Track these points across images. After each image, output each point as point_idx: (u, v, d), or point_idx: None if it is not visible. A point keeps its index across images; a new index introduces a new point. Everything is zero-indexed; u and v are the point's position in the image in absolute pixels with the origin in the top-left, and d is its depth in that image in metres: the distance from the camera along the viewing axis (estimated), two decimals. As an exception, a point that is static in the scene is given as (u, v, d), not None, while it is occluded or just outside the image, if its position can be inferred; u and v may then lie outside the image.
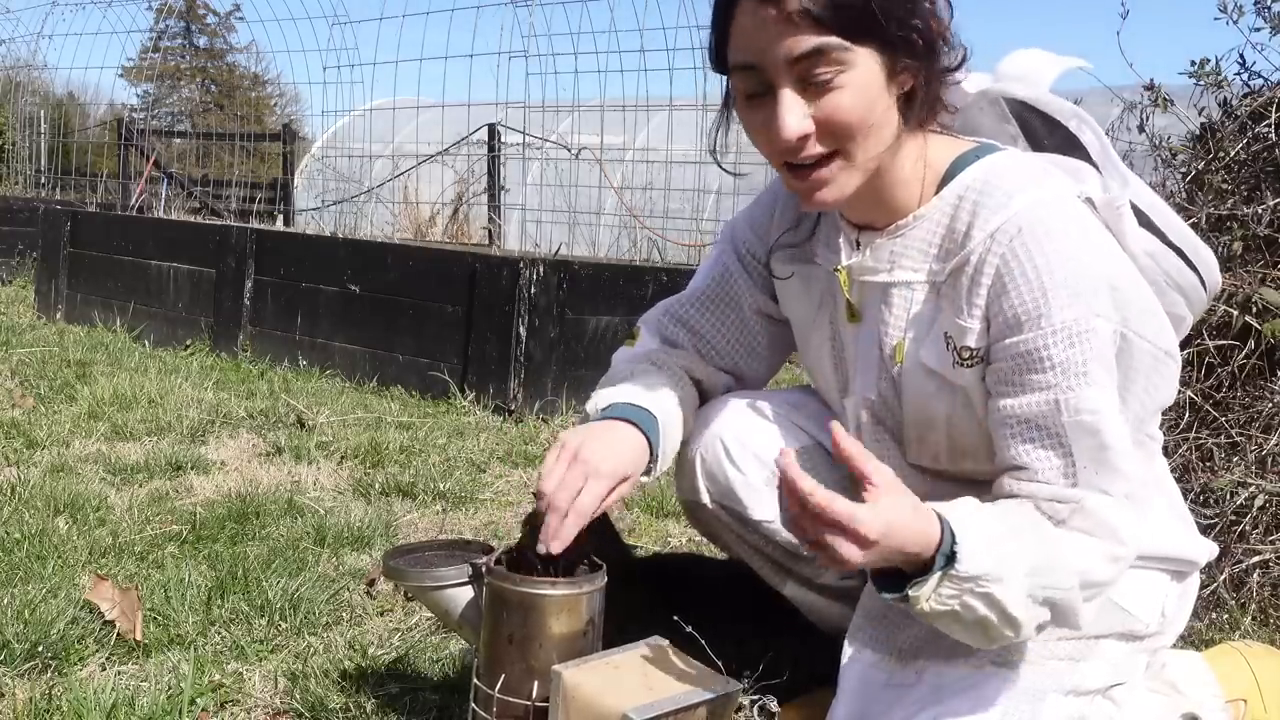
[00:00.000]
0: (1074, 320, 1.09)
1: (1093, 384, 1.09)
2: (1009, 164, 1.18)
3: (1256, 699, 1.35)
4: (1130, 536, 1.11)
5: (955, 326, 1.17)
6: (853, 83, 1.08)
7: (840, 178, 1.13)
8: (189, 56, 28.95)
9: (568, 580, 1.21)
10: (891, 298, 1.23)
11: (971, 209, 1.15)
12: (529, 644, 1.18)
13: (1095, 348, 1.09)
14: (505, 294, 3.51)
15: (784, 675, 1.46)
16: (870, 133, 1.11)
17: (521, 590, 1.19)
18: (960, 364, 1.17)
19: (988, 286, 1.13)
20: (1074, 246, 1.11)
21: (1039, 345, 1.10)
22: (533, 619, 1.18)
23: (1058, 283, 1.09)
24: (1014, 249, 1.11)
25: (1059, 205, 1.14)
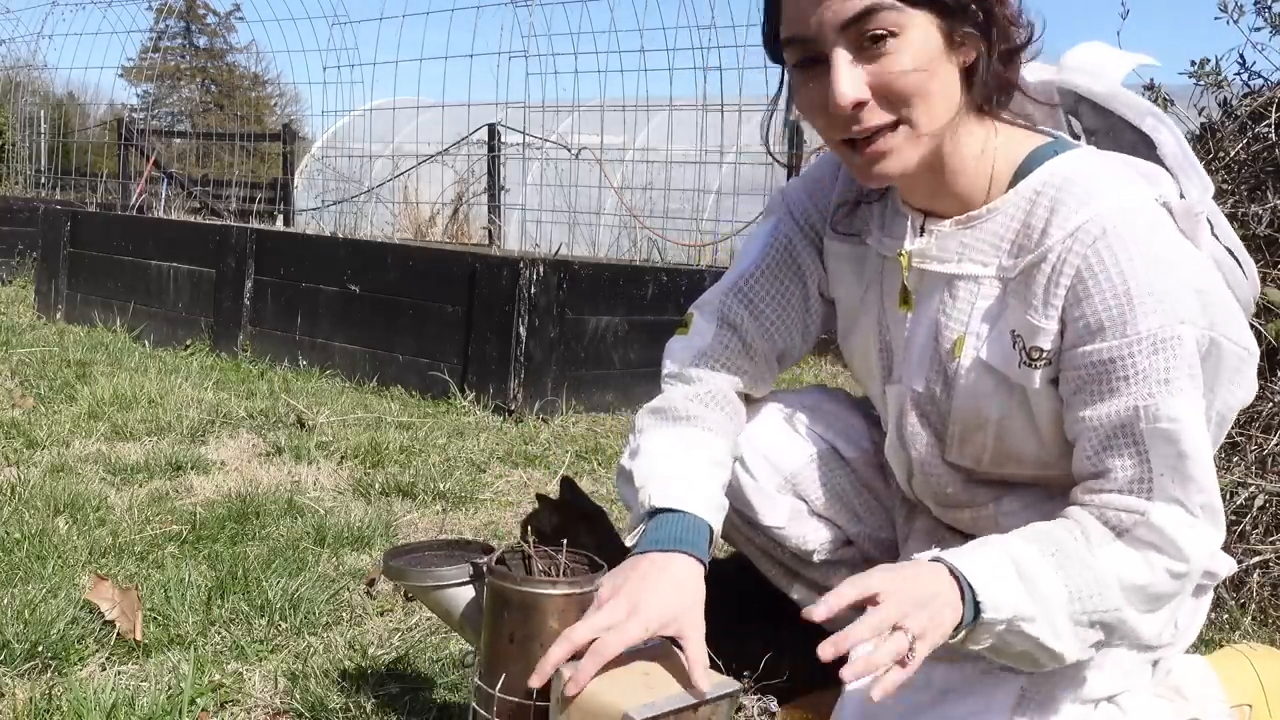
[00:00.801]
0: (1159, 328, 1.06)
1: (1175, 392, 1.07)
2: (1089, 162, 1.15)
3: (1261, 703, 1.35)
4: (1196, 552, 1.08)
5: (1026, 325, 1.13)
6: (909, 46, 1.05)
7: (903, 147, 1.09)
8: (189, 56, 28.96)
9: (569, 580, 1.21)
10: (957, 290, 1.19)
11: (1050, 205, 1.12)
12: (530, 643, 1.18)
13: (1180, 355, 1.07)
14: (505, 294, 3.51)
15: (784, 675, 1.46)
16: (932, 100, 1.07)
17: (523, 590, 1.18)
18: (1027, 364, 1.14)
19: (1067, 288, 1.10)
20: (1158, 251, 1.09)
21: (1122, 354, 1.07)
22: (534, 618, 1.18)
23: (1142, 289, 1.07)
24: (1097, 250, 1.08)
25: (1142, 208, 1.11)
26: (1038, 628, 1.03)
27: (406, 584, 1.33)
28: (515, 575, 1.20)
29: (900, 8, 1.03)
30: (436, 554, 1.33)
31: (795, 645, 1.50)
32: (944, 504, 1.33)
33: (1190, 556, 1.08)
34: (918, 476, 1.32)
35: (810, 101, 1.11)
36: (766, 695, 1.42)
